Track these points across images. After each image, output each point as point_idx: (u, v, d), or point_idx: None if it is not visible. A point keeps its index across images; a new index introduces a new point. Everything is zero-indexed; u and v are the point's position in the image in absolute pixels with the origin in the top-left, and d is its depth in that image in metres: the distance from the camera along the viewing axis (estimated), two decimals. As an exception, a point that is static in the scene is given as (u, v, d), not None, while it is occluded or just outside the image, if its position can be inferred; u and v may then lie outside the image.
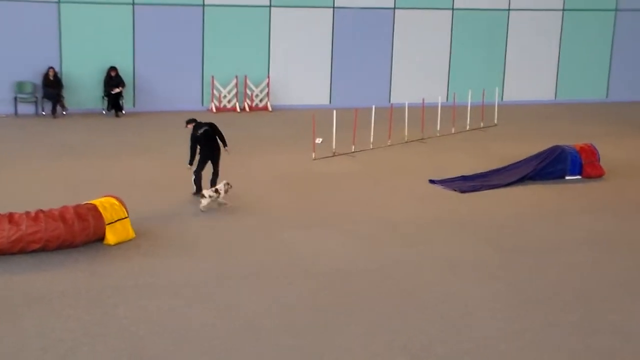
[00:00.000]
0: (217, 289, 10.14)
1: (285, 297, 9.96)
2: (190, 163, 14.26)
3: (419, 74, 25.21)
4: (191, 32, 23.24)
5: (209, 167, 14.31)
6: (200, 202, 13.49)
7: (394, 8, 24.76)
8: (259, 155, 17.68)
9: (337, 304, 9.79)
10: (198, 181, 14.35)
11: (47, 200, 12.95)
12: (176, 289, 10.12)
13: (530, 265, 11.30)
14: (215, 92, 23.43)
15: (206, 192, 13.57)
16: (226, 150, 14.44)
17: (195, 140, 14.20)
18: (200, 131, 14.21)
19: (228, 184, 13.74)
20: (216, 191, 13.56)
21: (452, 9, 25.26)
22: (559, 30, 26.44)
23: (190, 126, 14.33)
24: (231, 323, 9.17)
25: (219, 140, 14.37)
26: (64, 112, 22.11)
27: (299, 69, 24.23)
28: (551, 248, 12.09)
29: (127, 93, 22.67)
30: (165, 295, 9.89)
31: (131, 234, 11.89)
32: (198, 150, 14.26)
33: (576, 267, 11.28)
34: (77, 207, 11.51)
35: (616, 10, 26.70)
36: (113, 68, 22.33)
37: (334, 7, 24.23)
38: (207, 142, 14.23)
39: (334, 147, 17.86)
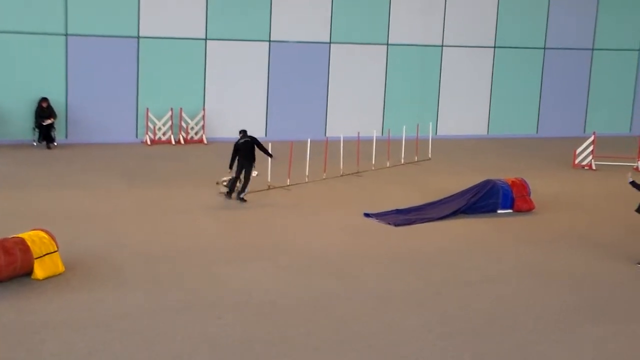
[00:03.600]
0: (147, 323, 9.97)
1: (216, 330, 9.85)
2: (230, 167, 16.61)
3: (355, 108, 25.44)
4: (126, 64, 23.04)
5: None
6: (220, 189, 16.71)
7: (330, 42, 25.01)
8: (191, 188, 17.54)
9: (269, 337, 9.71)
10: (232, 184, 16.60)
11: (-27, 233, 12.62)
12: (105, 323, 9.92)
13: (460, 296, 11.41)
14: (150, 124, 23.24)
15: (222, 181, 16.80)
16: (272, 158, 17.15)
17: (235, 148, 16.59)
18: (241, 141, 16.60)
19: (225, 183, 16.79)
20: (226, 185, 16.67)
21: (387, 44, 25.62)
22: (491, 67, 27.04)
23: (239, 135, 16.82)
24: (161, 358, 9.01)
25: (257, 151, 16.67)
26: (-7, 144, 21.66)
27: (235, 102, 24.22)
28: (482, 280, 12.24)
29: (59, 124, 22.32)
30: (94, 330, 9.68)
31: (61, 268, 11.64)
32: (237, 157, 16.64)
33: (505, 298, 11.43)
34: (3, 241, 11.23)
35: (544, 48, 27.45)
36: (44, 99, 21.97)
37: (269, 41, 24.35)
38: (244, 152, 16.52)
39: (269, 180, 17.84)
